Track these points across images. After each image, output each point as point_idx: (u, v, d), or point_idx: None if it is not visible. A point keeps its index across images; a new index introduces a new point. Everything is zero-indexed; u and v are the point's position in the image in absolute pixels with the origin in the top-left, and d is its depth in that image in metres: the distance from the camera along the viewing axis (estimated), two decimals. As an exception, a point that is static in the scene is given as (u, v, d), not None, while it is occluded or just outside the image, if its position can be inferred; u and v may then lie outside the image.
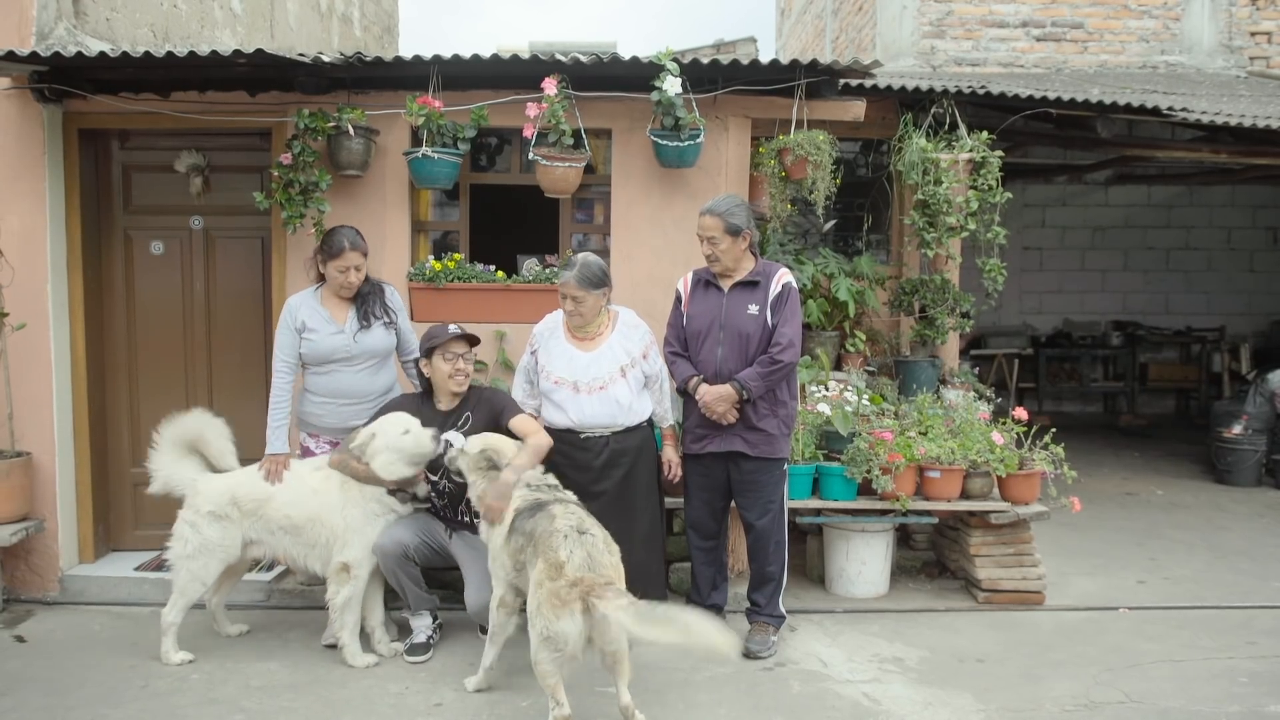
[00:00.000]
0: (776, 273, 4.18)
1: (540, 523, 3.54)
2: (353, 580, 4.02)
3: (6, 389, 4.79)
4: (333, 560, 4.05)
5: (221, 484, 4.16)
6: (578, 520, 3.53)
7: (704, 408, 4.11)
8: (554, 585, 3.28)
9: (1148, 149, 6.58)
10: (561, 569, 3.31)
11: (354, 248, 4.23)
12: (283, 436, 4.23)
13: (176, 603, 4.12)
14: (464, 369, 4.14)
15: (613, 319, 4.30)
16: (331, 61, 4.59)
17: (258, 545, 4.18)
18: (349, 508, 4.06)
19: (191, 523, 4.11)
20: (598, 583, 3.28)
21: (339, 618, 4.05)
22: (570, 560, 3.33)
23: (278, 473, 4.14)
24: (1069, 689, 3.89)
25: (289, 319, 4.27)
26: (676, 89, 4.57)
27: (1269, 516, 6.66)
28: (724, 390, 4.06)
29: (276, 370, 4.26)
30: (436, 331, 4.16)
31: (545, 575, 3.33)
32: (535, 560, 3.45)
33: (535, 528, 3.53)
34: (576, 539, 3.41)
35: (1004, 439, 4.90)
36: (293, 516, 4.09)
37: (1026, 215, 10.52)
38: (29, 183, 4.83)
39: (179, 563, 4.11)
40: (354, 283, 4.26)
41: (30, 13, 4.70)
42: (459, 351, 4.12)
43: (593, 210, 5.36)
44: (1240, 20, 8.45)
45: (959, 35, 8.30)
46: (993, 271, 5.46)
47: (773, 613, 4.28)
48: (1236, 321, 10.84)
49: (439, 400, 4.22)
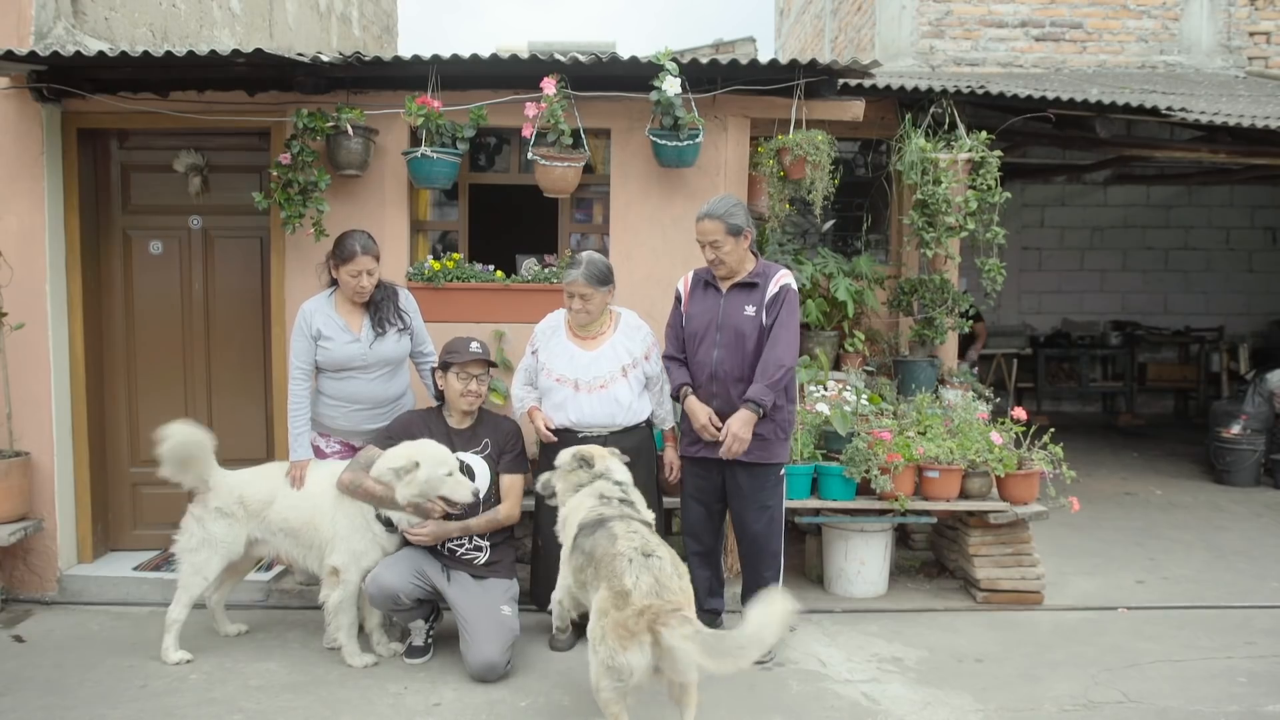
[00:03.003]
0: (776, 274, 4.14)
1: (600, 542, 3.31)
2: (342, 584, 4.04)
3: (5, 389, 4.79)
4: (324, 563, 4.08)
5: (233, 481, 4.20)
6: (642, 541, 3.25)
7: (730, 439, 3.98)
8: (620, 615, 3.02)
9: (1146, 149, 6.58)
10: (628, 597, 3.04)
11: (366, 252, 4.21)
12: (305, 443, 4.24)
13: (180, 598, 4.14)
14: (476, 390, 4.11)
15: (615, 319, 4.30)
16: (330, 61, 4.59)
17: (262, 545, 4.23)
18: (338, 516, 4.07)
19: (199, 517, 4.15)
20: (665, 609, 3.00)
21: (333, 619, 4.07)
22: (636, 587, 3.06)
23: (301, 478, 4.17)
24: (1068, 689, 3.89)
25: (304, 325, 4.25)
26: (675, 89, 4.57)
27: (1268, 516, 6.66)
28: (744, 416, 3.96)
29: (293, 377, 4.25)
30: (456, 346, 4.11)
31: (610, 604, 3.08)
32: (597, 583, 3.23)
33: (595, 548, 3.32)
34: (642, 563, 3.13)
35: (1003, 439, 4.90)
36: (290, 520, 4.13)
37: (1025, 215, 10.53)
38: (27, 182, 4.82)
39: (183, 555, 4.15)
40: (366, 287, 4.24)
41: (29, 12, 4.70)
42: (474, 373, 4.10)
43: (591, 210, 5.36)
44: (1239, 20, 8.46)
45: (958, 35, 8.31)
46: (992, 271, 5.46)
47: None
48: (1235, 321, 10.86)
49: (450, 415, 4.20)
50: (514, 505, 4.17)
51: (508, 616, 4.02)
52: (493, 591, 4.07)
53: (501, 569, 4.16)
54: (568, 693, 3.82)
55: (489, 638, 3.91)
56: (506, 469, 4.17)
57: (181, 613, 4.13)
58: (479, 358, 4.09)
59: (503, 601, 4.05)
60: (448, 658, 4.15)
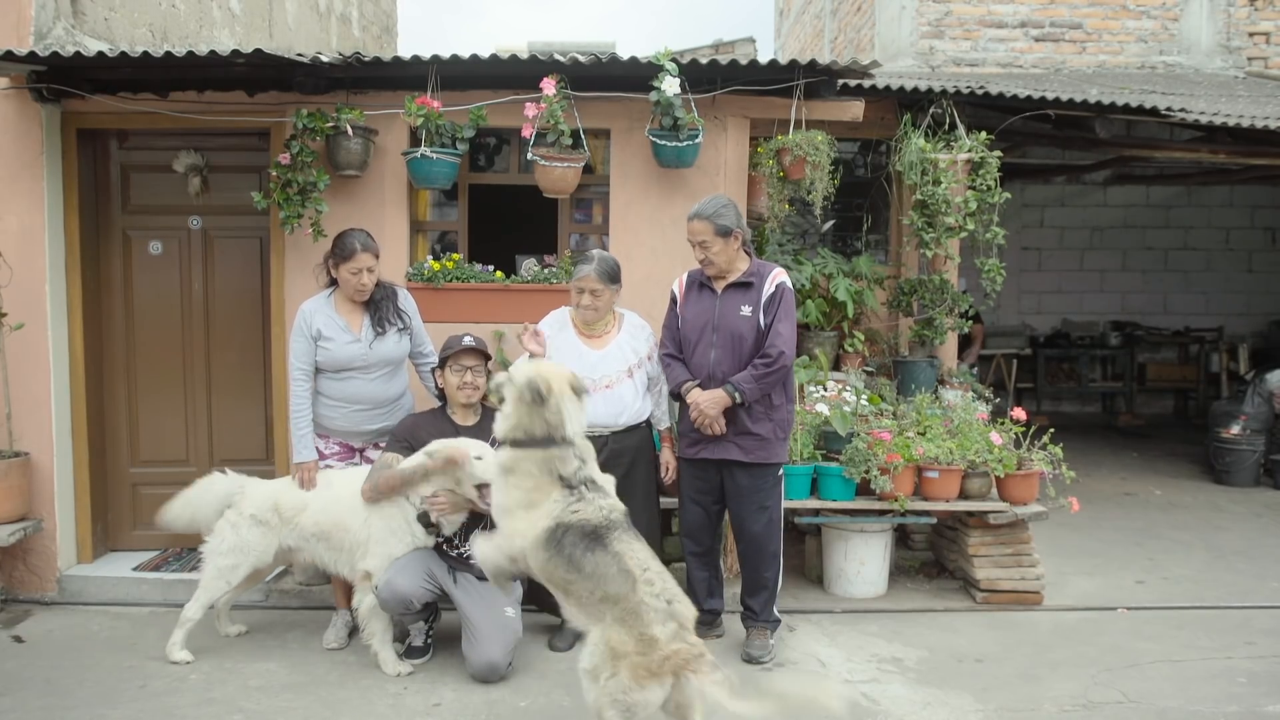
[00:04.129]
0: (771, 273, 4.13)
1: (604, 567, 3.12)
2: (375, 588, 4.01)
3: (5, 389, 4.79)
4: (356, 567, 4.06)
5: (268, 489, 4.21)
6: (662, 586, 3.11)
7: (693, 410, 4.06)
8: (644, 660, 2.98)
9: (1146, 149, 6.58)
10: (655, 644, 2.99)
11: (365, 249, 4.20)
12: (308, 443, 4.24)
13: (199, 598, 4.15)
14: (472, 381, 4.10)
15: (619, 320, 4.32)
16: (330, 61, 4.59)
17: (295, 552, 4.22)
18: (373, 518, 4.04)
19: (233, 523, 4.14)
20: (692, 655, 2.99)
21: (365, 625, 4.05)
22: (663, 635, 3.01)
23: (310, 480, 4.17)
24: (1067, 689, 3.89)
25: (304, 326, 4.24)
26: (675, 89, 4.57)
27: (1267, 516, 6.66)
28: (716, 395, 4.01)
29: (294, 378, 4.24)
30: (450, 343, 4.14)
31: (632, 648, 3.01)
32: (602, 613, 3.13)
33: (596, 571, 3.13)
34: (666, 610, 3.05)
35: (1002, 439, 4.90)
36: (322, 523, 4.11)
37: (1025, 215, 10.53)
38: (27, 183, 4.82)
39: (210, 557, 4.14)
40: (366, 285, 4.24)
41: (28, 12, 4.70)
42: (468, 364, 4.10)
43: (591, 210, 5.36)
44: (1239, 21, 8.46)
45: (957, 35, 8.31)
46: (991, 272, 5.46)
47: (769, 618, 4.26)
48: (1235, 321, 10.86)
49: (454, 412, 4.20)
50: None
51: (511, 618, 4.03)
52: (496, 593, 4.06)
53: None
54: (567, 693, 3.82)
55: (492, 639, 3.92)
56: None
57: (197, 612, 4.14)
58: (470, 347, 4.09)
59: (506, 603, 4.05)
60: (447, 658, 4.15)
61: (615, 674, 3.02)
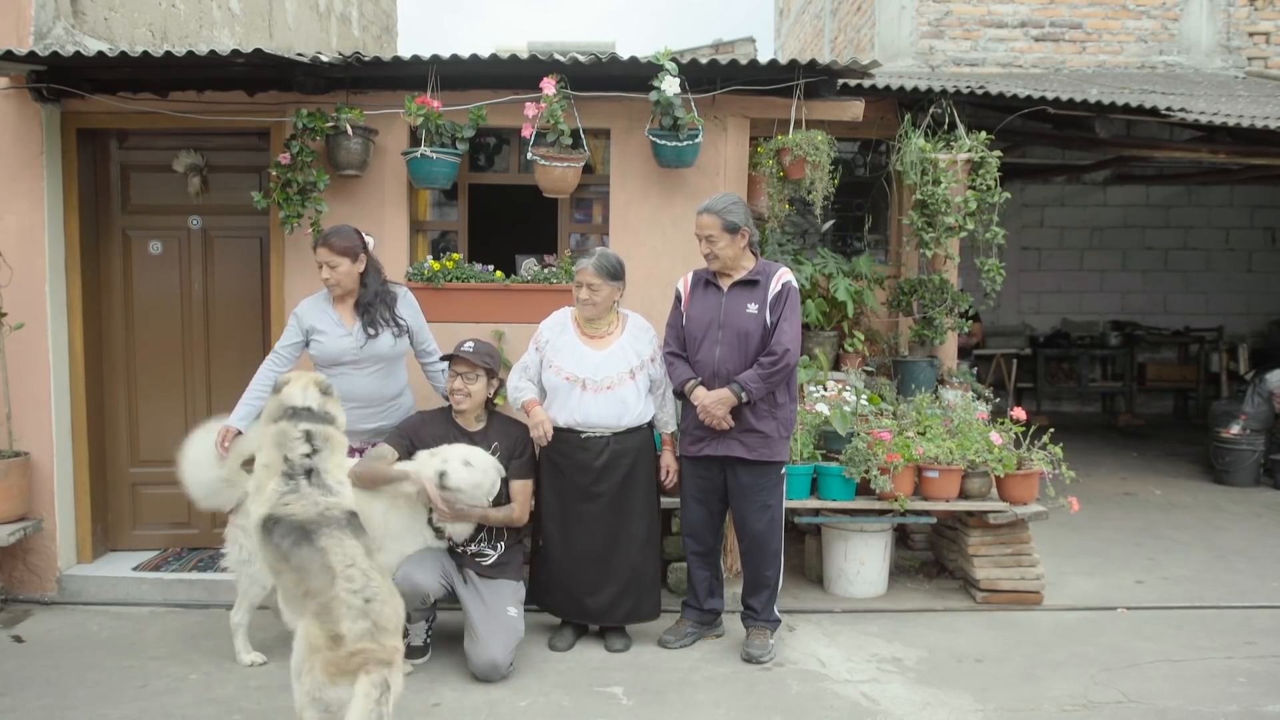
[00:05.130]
0: (776, 272, 4.15)
1: (309, 563, 3.18)
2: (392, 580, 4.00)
3: (5, 389, 4.79)
4: None
5: None
6: (363, 583, 3.11)
7: (700, 411, 4.08)
8: (332, 655, 2.99)
9: (1146, 149, 6.58)
10: (341, 641, 3.00)
11: (324, 244, 4.16)
12: (245, 415, 4.12)
13: (240, 605, 4.17)
14: (461, 388, 4.09)
15: (622, 321, 4.31)
16: (330, 61, 4.59)
17: None
18: (391, 514, 4.02)
19: (245, 528, 4.08)
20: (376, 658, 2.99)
21: None
22: (351, 632, 3.00)
23: (226, 444, 4.09)
24: (1067, 689, 3.89)
25: (295, 321, 4.26)
26: (675, 89, 4.57)
27: (1267, 516, 6.66)
28: (722, 394, 4.02)
29: (268, 359, 4.24)
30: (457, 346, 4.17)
31: (323, 643, 3.02)
32: (303, 607, 3.15)
33: (302, 565, 3.19)
34: (362, 609, 3.03)
35: (1002, 439, 4.90)
36: None
37: (1025, 215, 10.53)
38: (27, 182, 4.82)
39: (237, 568, 4.16)
40: (330, 280, 4.19)
41: (28, 12, 4.70)
42: (459, 370, 4.10)
43: (591, 210, 5.36)
44: (1239, 20, 8.46)
45: (957, 35, 8.31)
46: (991, 271, 5.46)
47: (769, 617, 4.26)
48: (1235, 321, 10.85)
49: (460, 416, 4.20)
50: (523, 508, 4.18)
51: (513, 618, 4.03)
52: (500, 592, 4.08)
53: (509, 570, 4.18)
54: (567, 693, 3.82)
55: (495, 638, 3.92)
56: (515, 474, 4.16)
57: (244, 617, 4.17)
58: (461, 356, 4.09)
59: (509, 603, 4.06)
60: (447, 658, 4.15)
61: (311, 670, 3.05)
